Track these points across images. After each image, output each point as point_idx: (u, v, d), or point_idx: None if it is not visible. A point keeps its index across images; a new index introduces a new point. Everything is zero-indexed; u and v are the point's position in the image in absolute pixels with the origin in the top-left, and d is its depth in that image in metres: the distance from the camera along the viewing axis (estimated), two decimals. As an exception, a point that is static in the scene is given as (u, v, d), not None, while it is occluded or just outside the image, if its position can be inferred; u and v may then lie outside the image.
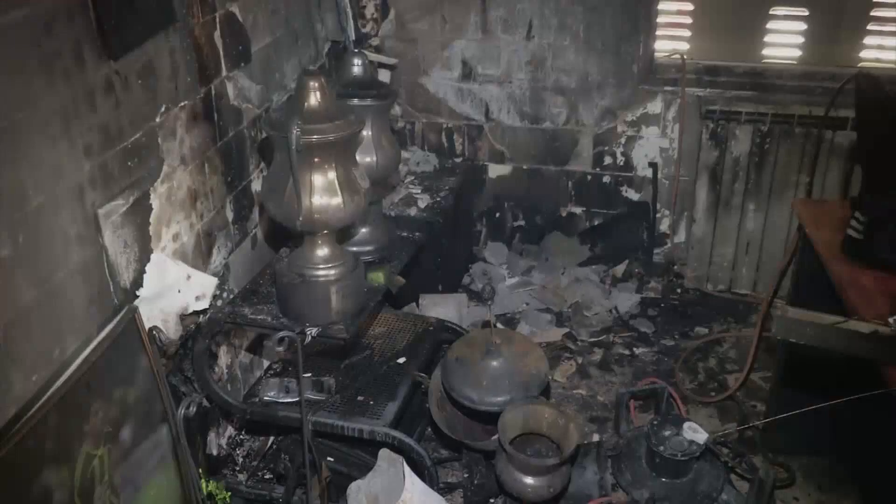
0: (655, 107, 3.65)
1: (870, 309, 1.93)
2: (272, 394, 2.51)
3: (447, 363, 2.51)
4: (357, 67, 2.61)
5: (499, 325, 3.47)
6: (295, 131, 2.03)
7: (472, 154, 3.89)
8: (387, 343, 2.82)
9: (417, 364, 2.71)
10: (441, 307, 3.37)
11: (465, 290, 3.72)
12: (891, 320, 1.71)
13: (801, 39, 3.65)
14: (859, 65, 3.53)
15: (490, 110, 3.79)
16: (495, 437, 2.35)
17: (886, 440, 2.01)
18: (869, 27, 3.56)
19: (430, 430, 2.81)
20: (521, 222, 4.01)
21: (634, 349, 3.44)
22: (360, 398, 2.53)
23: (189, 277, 2.30)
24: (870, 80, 2.94)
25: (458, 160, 3.88)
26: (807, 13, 3.59)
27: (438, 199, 3.43)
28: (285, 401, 2.51)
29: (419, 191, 3.48)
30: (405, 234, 2.87)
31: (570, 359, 3.36)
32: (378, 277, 2.54)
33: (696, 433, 2.56)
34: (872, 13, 3.53)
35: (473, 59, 3.70)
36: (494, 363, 2.46)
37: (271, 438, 2.75)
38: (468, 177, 3.80)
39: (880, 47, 3.59)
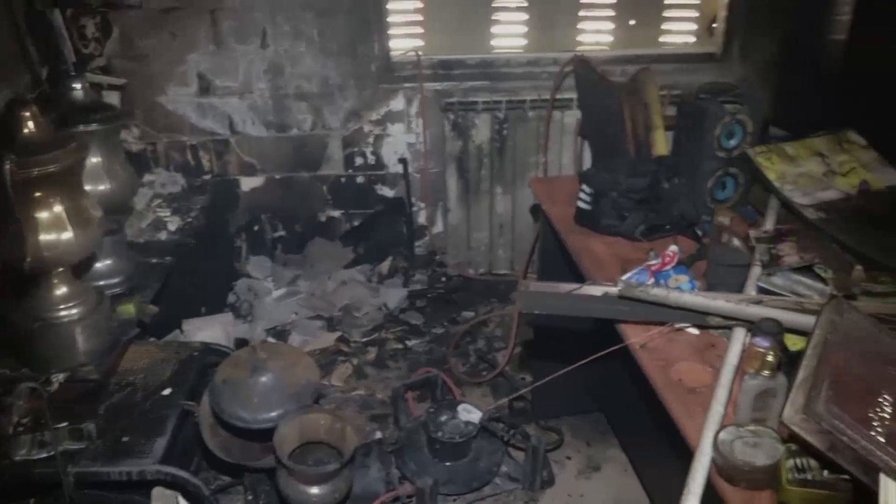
0: (398, 104, 3.73)
1: (602, 273, 2.08)
2: (23, 452, 2.30)
3: (214, 387, 2.43)
4: (77, 91, 2.45)
5: (269, 340, 3.41)
6: (7, 166, 1.88)
7: (222, 169, 3.79)
8: (150, 376, 2.67)
9: (184, 392, 2.59)
10: (207, 330, 3.25)
11: (231, 308, 3.62)
12: (619, 281, 1.85)
13: (524, 29, 3.86)
14: (578, 49, 3.79)
15: (234, 123, 3.71)
16: (275, 453, 2.30)
17: (629, 388, 2.18)
18: (581, 13, 3.84)
19: (207, 458, 2.70)
20: (281, 232, 3.96)
21: (407, 342, 3.50)
22: (125, 439, 2.37)
23: None
24: (584, 63, 3.17)
25: (207, 177, 3.76)
26: (526, 4, 3.81)
27: (189, 219, 3.30)
28: (40, 456, 2.31)
29: (168, 213, 3.33)
30: (155, 260, 2.74)
31: (345, 361, 3.36)
32: (128, 309, 2.41)
33: (470, 414, 2.66)
34: (582, 0, 3.81)
35: (210, 72, 3.60)
36: (263, 379, 2.41)
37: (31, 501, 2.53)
38: (220, 193, 3.69)
39: (599, 31, 3.88)
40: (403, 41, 3.77)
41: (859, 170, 2.31)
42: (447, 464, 2.65)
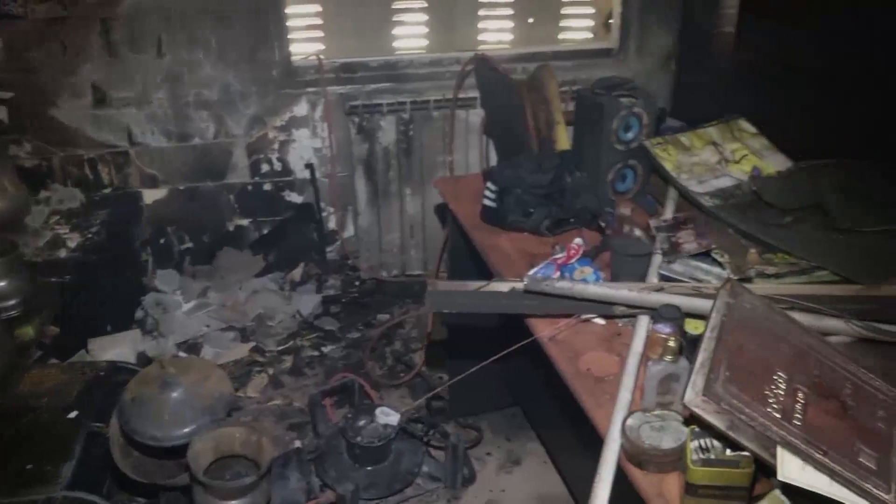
0: (302, 109, 3.69)
1: (510, 269, 2.11)
2: (-81, 488, 2.19)
3: (123, 405, 2.36)
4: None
5: (181, 354, 3.33)
6: None
7: (123, 182, 3.67)
8: (54, 399, 2.57)
9: (92, 414, 2.51)
10: (114, 348, 3.15)
11: (139, 325, 3.52)
12: (525, 276, 1.87)
13: (425, 30, 3.87)
14: (479, 48, 3.82)
15: (133, 134, 3.60)
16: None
17: (543, 381, 2.22)
18: (481, 13, 3.88)
19: (120, 480, 2.62)
20: (189, 244, 3.87)
21: (323, 348, 3.47)
22: (29, 466, 2.30)
23: None
24: (485, 62, 3.21)
25: (108, 191, 3.64)
26: (426, 5, 3.82)
27: (90, 235, 3.20)
28: (-62, 492, 2.21)
29: (67, 230, 3.22)
30: (55, 279, 2.65)
31: (260, 371, 3.31)
32: (27, 332, 2.33)
33: (388, 416, 2.65)
34: (482, 0, 3.84)
35: (105, 83, 3.49)
36: (174, 394, 2.35)
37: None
38: (121, 207, 3.58)
39: (499, 30, 3.92)
40: (305, 45, 3.73)
41: (751, 157, 2.40)
42: (368, 468, 2.64)
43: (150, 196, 3.73)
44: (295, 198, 3.86)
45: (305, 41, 3.75)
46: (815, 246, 1.98)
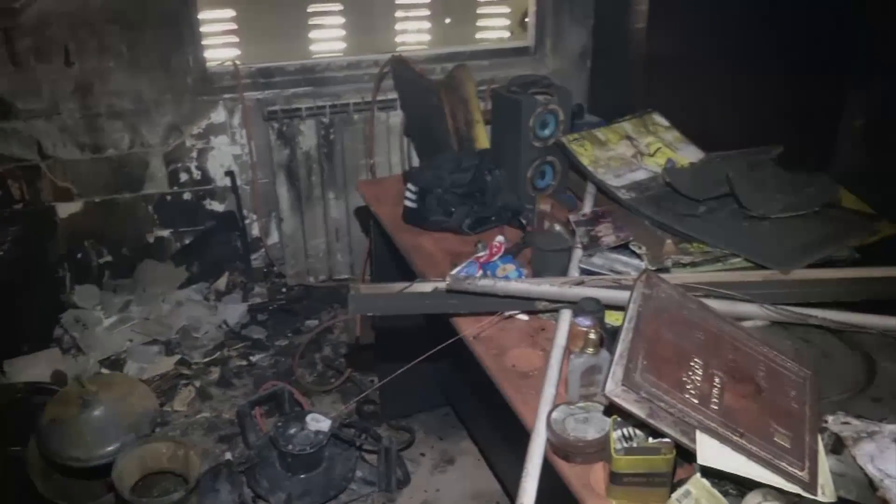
0: (219, 116, 3.64)
1: (434, 269, 2.11)
2: None
3: (42, 428, 2.30)
4: None
5: (103, 371, 3.25)
6: None
7: (35, 197, 3.55)
8: (-32, 425, 2.49)
9: (8, 438, 2.43)
10: (32, 368, 3.06)
11: (58, 343, 3.41)
12: (447, 276, 1.88)
13: (342, 32, 3.85)
14: (397, 49, 3.82)
15: (44, 147, 3.48)
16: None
17: (471, 380, 2.22)
18: (398, 14, 3.87)
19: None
20: (108, 258, 3.76)
21: (251, 358, 3.43)
22: (-57, 496, 2.21)
23: None
24: (402, 63, 3.22)
25: (19, 206, 3.51)
26: (342, 7, 3.79)
27: (1, 253, 3.09)
28: None
29: (-24, 249, 3.11)
30: (-36, 300, 2.55)
31: (187, 385, 3.25)
32: (-64, 356, 2.24)
33: (319, 423, 2.63)
34: (397, 1, 3.84)
35: (10, 94, 3.36)
36: (95, 413, 2.30)
37: None
38: (34, 222, 3.46)
39: (417, 31, 3.93)
40: (220, 51, 3.67)
41: (665, 149, 2.45)
42: (301, 476, 2.61)
43: (65, 210, 3.62)
44: (216, 206, 3.80)
45: (221, 47, 3.69)
46: (728, 234, 2.04)
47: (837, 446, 1.49)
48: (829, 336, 1.84)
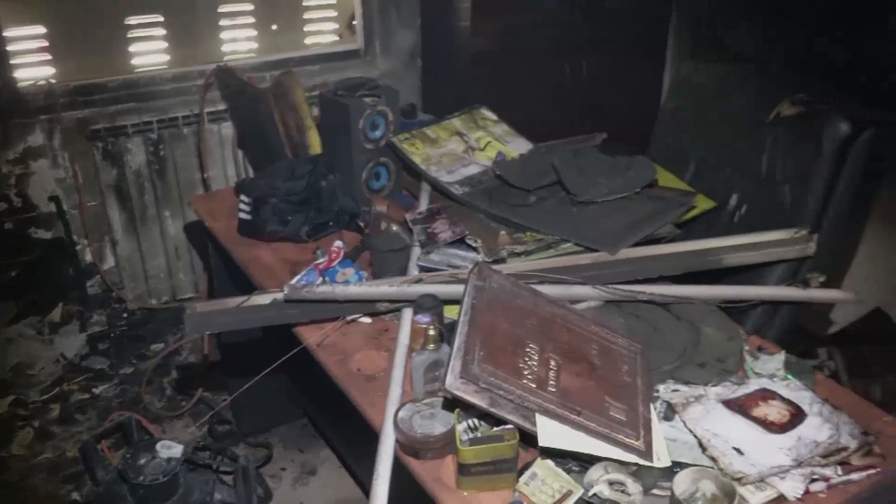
0: (37, 139, 3.43)
1: (274, 280, 2.08)
2: None
3: None
4: None
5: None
6: None
7: None
8: None
9: None
10: None
11: None
12: (285, 286, 1.85)
13: (165, 44, 3.72)
14: (226, 59, 3.72)
15: None
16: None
17: (323, 388, 2.20)
18: (222, 23, 3.78)
19: None
20: (-77, 299, 3.49)
21: (94, 390, 3.26)
22: None
23: None
24: (228, 73, 3.15)
25: None
26: (162, 19, 3.66)
27: None
28: None
29: None
30: None
31: (24, 426, 3.05)
32: None
33: (170, 449, 2.52)
34: (220, 10, 3.74)
35: None
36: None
37: None
38: None
39: (246, 38, 3.83)
40: (33, 70, 3.46)
41: (495, 143, 2.51)
42: (156, 507, 2.51)
43: None
44: (43, 234, 3.58)
45: (34, 66, 3.47)
46: (558, 221, 2.11)
47: (669, 413, 1.58)
48: (657, 310, 1.94)
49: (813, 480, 1.43)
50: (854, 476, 1.45)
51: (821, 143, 2.08)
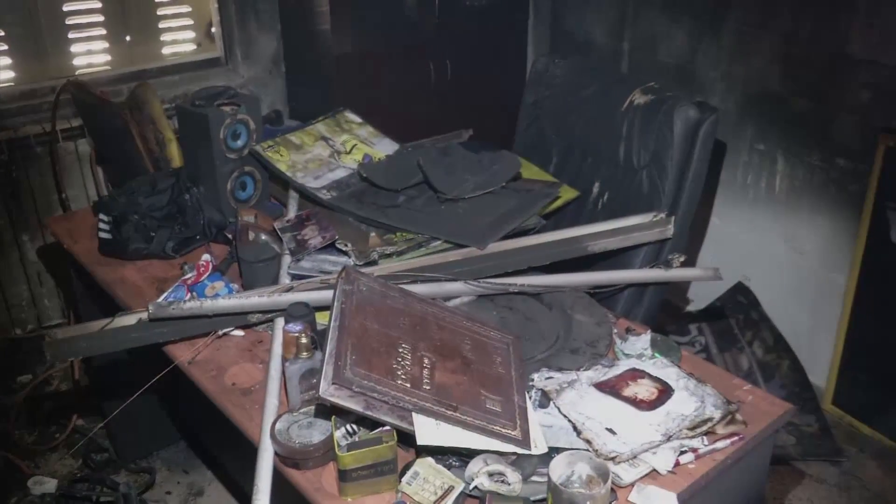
0: None
1: (141, 300, 2.01)
2: None
3: None
4: None
5: None
6: None
7: None
8: None
9: None
10: None
11: None
12: (150, 304, 1.79)
13: (9, 60, 3.53)
14: (78, 73, 3.57)
15: None
16: None
17: (200, 406, 2.14)
18: (71, 36, 3.61)
19: None
20: None
21: (-43, 430, 3.07)
22: None
23: None
24: (81, 87, 3.02)
25: None
26: (3, 33, 3.47)
27: None
28: None
29: None
30: None
31: None
32: None
33: (43, 485, 2.43)
34: (68, 21, 3.58)
35: None
36: None
37: None
38: None
39: (101, 51, 3.68)
40: None
41: (361, 145, 2.51)
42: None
43: None
44: None
45: None
46: (427, 219, 2.12)
47: (544, 400, 1.62)
48: (529, 300, 1.98)
49: (682, 453, 1.49)
50: (720, 444, 1.52)
51: (672, 129, 2.17)
